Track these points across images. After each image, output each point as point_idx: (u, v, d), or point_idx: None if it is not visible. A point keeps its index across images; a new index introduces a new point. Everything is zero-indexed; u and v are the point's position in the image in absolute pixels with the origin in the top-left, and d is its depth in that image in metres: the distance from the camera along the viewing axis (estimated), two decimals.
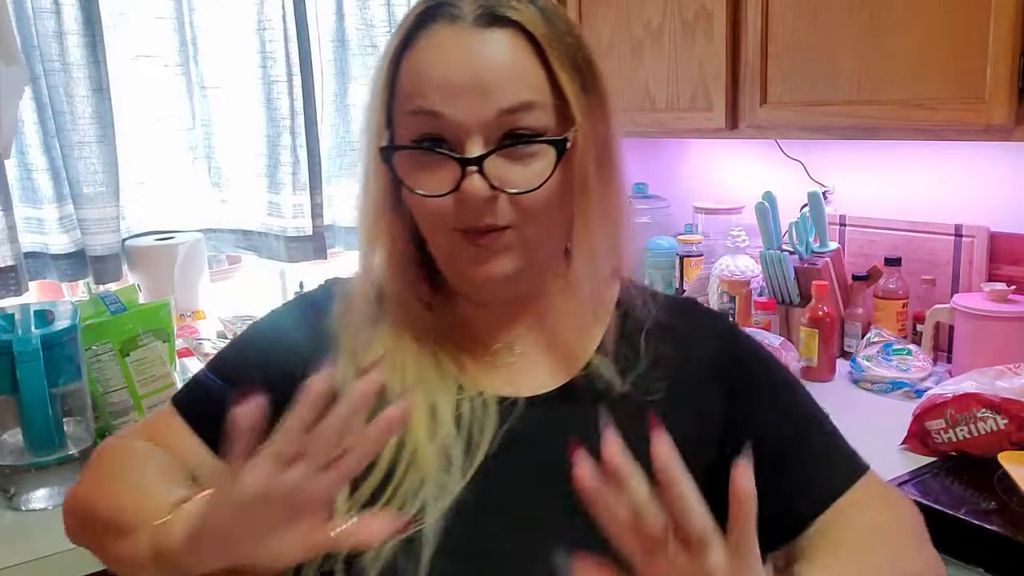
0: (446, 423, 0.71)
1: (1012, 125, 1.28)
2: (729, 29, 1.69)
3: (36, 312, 1.26)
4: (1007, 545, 1.04)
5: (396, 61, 0.70)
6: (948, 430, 1.26)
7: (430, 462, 0.69)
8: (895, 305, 1.69)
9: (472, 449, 0.70)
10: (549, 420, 0.74)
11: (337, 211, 2.03)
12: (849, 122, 1.51)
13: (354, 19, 1.96)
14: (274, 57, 1.84)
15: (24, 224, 1.67)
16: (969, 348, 1.52)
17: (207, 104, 1.85)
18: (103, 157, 1.68)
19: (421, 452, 0.69)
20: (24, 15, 1.59)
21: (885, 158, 1.84)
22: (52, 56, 1.61)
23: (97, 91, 1.65)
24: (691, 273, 2.15)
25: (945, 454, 1.26)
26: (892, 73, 1.42)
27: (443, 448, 0.70)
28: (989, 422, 1.23)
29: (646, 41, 1.90)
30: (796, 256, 1.79)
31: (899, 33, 1.40)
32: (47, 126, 1.65)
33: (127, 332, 1.41)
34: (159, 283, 1.75)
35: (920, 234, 1.76)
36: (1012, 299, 1.50)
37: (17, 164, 1.65)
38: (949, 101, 1.35)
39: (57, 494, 1.22)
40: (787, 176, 1.98)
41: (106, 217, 1.71)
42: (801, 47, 1.56)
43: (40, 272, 1.73)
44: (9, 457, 1.22)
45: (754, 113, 1.67)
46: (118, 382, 1.40)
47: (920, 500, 1.14)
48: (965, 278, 1.68)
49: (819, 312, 1.63)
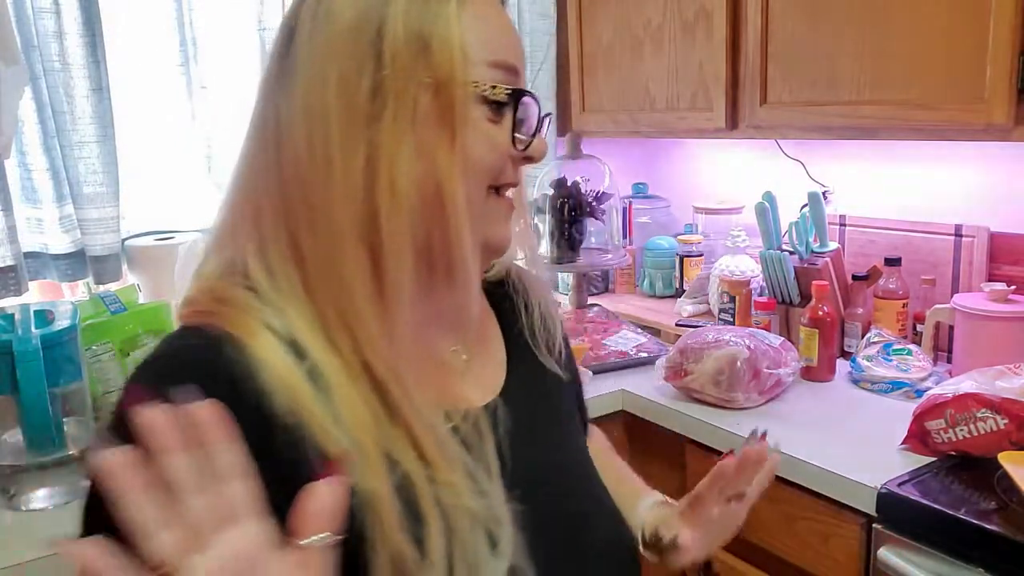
0: (457, 453, 0.64)
1: (1011, 125, 1.28)
2: (729, 29, 1.69)
3: (36, 312, 1.26)
4: (1007, 545, 1.04)
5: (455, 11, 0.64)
6: (948, 430, 1.26)
7: (467, 498, 0.61)
8: (895, 305, 1.69)
9: (490, 469, 0.66)
10: (527, 409, 0.74)
11: None
12: (849, 122, 1.51)
13: None
14: None
15: (24, 224, 1.67)
16: (969, 348, 1.52)
17: (207, 104, 1.85)
18: (103, 157, 1.68)
19: (453, 492, 0.61)
20: (24, 15, 1.59)
21: (885, 158, 1.84)
22: (52, 56, 1.61)
23: (97, 91, 1.65)
24: (691, 273, 2.16)
25: (945, 454, 1.26)
26: (892, 73, 1.42)
27: (470, 477, 0.63)
28: (989, 422, 1.23)
29: (646, 41, 1.90)
30: (796, 256, 1.79)
31: (899, 33, 1.40)
32: (47, 126, 1.65)
33: (127, 332, 1.41)
34: (159, 283, 1.75)
35: (920, 234, 1.76)
36: (1012, 299, 1.50)
37: (17, 164, 1.65)
38: (949, 101, 1.35)
39: (57, 494, 1.22)
40: (787, 176, 1.98)
41: (106, 217, 1.71)
42: (801, 47, 1.56)
43: (40, 272, 1.73)
44: (9, 457, 1.22)
45: (754, 113, 1.67)
46: (118, 382, 1.40)
47: (920, 500, 1.14)
48: (965, 278, 1.68)
49: (819, 312, 1.63)
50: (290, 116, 0.62)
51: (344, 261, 0.61)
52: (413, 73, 0.61)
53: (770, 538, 1.37)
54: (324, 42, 0.62)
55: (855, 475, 1.23)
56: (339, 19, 0.61)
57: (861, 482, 1.21)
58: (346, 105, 0.61)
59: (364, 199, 0.61)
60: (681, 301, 2.09)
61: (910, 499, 1.15)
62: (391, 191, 0.61)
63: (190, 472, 0.44)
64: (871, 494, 1.19)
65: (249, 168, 0.66)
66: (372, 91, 0.61)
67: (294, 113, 0.62)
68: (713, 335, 1.58)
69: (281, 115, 0.63)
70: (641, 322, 2.03)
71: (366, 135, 0.61)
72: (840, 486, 1.24)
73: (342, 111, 0.61)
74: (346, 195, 0.61)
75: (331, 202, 0.61)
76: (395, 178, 0.61)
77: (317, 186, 0.61)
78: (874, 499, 1.19)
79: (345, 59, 0.61)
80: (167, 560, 0.43)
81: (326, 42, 0.62)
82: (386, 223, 0.61)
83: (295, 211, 0.62)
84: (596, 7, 2.03)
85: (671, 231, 2.31)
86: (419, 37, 0.61)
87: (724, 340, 1.55)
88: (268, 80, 0.65)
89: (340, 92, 0.61)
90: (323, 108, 0.61)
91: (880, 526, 1.19)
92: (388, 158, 0.61)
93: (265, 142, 0.65)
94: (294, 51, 0.63)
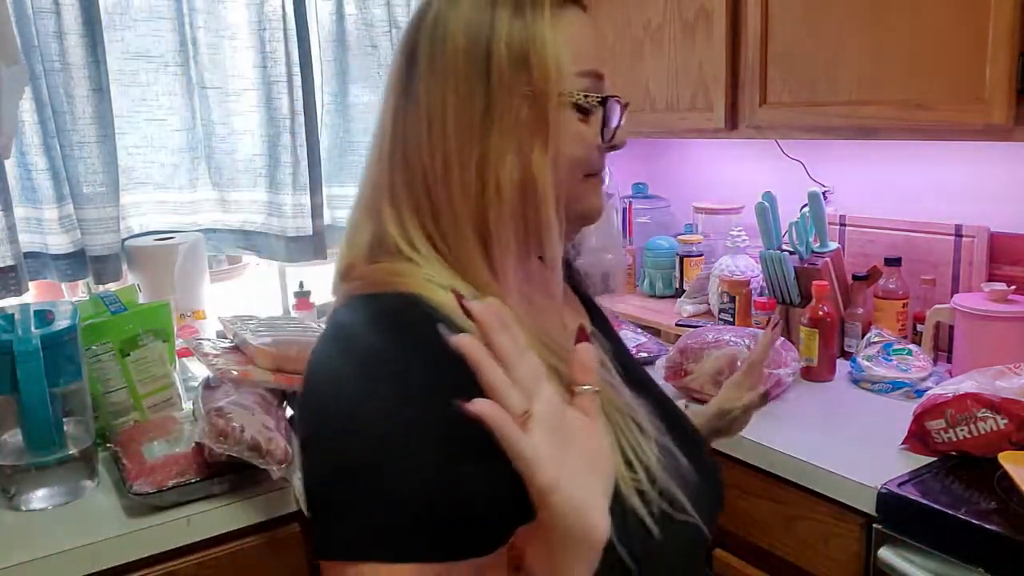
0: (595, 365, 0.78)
1: (1011, 125, 1.28)
2: (729, 29, 1.69)
3: (36, 312, 1.26)
4: (1007, 545, 1.04)
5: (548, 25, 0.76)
6: (948, 430, 1.26)
7: (613, 396, 0.76)
8: (895, 305, 1.69)
9: (611, 371, 0.81)
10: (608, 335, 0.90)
11: (337, 211, 2.03)
12: (849, 122, 1.51)
13: (354, 19, 1.96)
14: (274, 57, 1.84)
15: (24, 224, 1.67)
16: (969, 348, 1.52)
17: (207, 104, 1.85)
18: (103, 157, 1.68)
19: (607, 398, 0.74)
20: (24, 15, 1.59)
21: (885, 158, 1.84)
22: (52, 56, 1.61)
23: (97, 91, 1.65)
24: (691, 273, 2.15)
25: (945, 454, 1.26)
26: (892, 73, 1.42)
27: (606, 381, 0.78)
28: (989, 422, 1.23)
29: (646, 41, 1.90)
30: (796, 256, 1.79)
31: (899, 33, 1.40)
32: (47, 126, 1.66)
33: (127, 332, 1.41)
34: (159, 283, 1.75)
35: (920, 234, 1.76)
36: (1012, 299, 1.50)
37: (17, 164, 1.65)
38: (949, 101, 1.35)
39: (57, 494, 1.22)
40: (787, 176, 1.98)
41: (106, 217, 1.71)
42: (801, 47, 1.56)
43: (40, 272, 1.73)
44: (9, 457, 1.22)
45: (754, 113, 1.67)
46: (118, 382, 1.40)
47: (920, 500, 1.14)
48: (965, 278, 1.68)
49: (819, 312, 1.63)
50: (417, 134, 0.76)
51: (464, 247, 0.75)
52: (515, 88, 0.74)
53: (770, 538, 1.37)
54: (442, 69, 0.75)
55: (855, 475, 1.23)
56: (453, 45, 0.74)
57: (861, 482, 1.21)
58: (463, 124, 0.74)
59: (476, 198, 0.74)
60: (681, 301, 2.09)
61: (910, 499, 1.15)
62: (497, 191, 0.74)
63: (512, 347, 0.56)
64: (871, 494, 1.19)
65: (381, 166, 0.79)
66: (484, 110, 0.74)
67: (421, 132, 0.76)
68: (713, 335, 1.58)
69: (409, 133, 0.77)
70: (641, 322, 2.03)
71: (479, 147, 0.74)
72: (840, 486, 1.24)
73: (459, 130, 0.74)
74: (463, 195, 0.74)
75: (451, 200, 0.75)
76: (500, 180, 0.74)
77: (439, 188, 0.75)
78: (874, 499, 1.19)
79: (461, 82, 0.74)
80: (522, 409, 0.54)
81: (443, 70, 0.75)
82: (494, 217, 0.74)
83: (423, 206, 0.76)
84: (596, 7, 2.02)
85: (671, 231, 2.31)
86: (520, 56, 0.74)
87: (724, 340, 1.55)
88: (395, 98, 0.79)
89: (457, 114, 0.74)
90: (443, 128, 0.74)
91: (880, 526, 1.19)
92: (495, 164, 0.74)
93: (394, 145, 0.78)
94: (416, 75, 0.76)
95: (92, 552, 1.11)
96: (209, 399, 1.28)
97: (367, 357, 0.69)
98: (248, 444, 1.17)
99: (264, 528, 1.24)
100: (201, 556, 1.20)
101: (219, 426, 1.18)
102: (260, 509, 1.23)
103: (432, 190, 0.75)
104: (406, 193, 0.77)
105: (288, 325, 1.54)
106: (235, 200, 1.93)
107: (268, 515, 1.24)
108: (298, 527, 1.27)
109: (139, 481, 1.18)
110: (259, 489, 1.24)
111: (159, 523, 1.16)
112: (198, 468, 1.21)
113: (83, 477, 1.26)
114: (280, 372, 1.36)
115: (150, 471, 1.20)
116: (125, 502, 1.21)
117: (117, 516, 1.18)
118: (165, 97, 1.81)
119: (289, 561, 1.27)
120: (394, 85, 0.79)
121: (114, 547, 1.13)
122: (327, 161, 1.99)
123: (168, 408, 1.45)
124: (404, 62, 0.78)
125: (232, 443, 1.17)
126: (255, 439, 1.18)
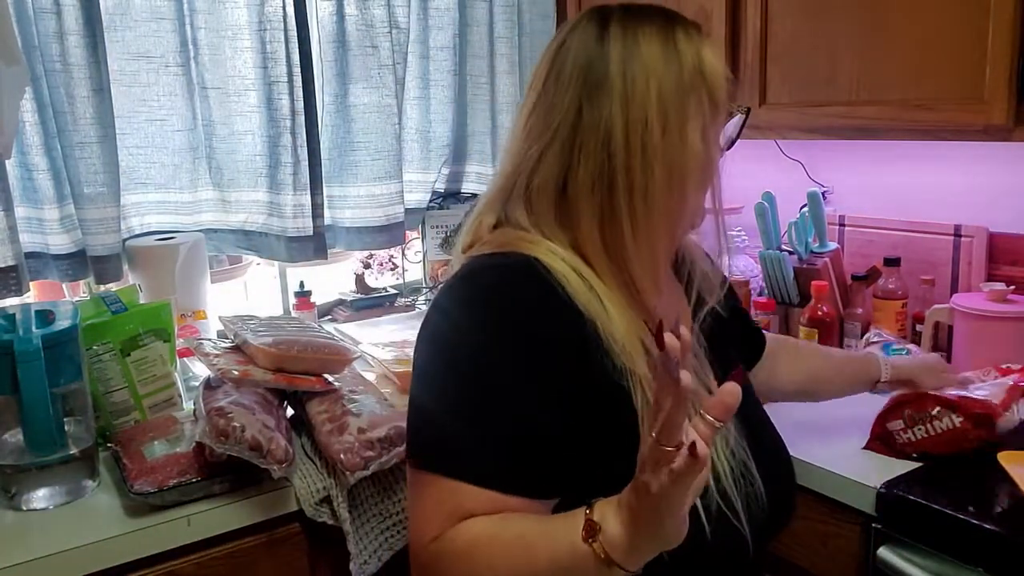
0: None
1: (1011, 125, 1.28)
2: (728, 29, 1.69)
3: (37, 312, 1.26)
4: (1007, 545, 1.04)
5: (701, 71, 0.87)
6: (907, 430, 1.25)
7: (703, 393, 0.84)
8: (894, 305, 1.69)
9: (706, 368, 0.90)
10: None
11: (337, 211, 2.03)
12: (849, 122, 1.51)
13: (354, 20, 1.96)
14: (274, 57, 1.84)
15: (25, 224, 1.67)
16: (968, 348, 1.53)
17: (207, 104, 1.85)
18: (104, 157, 1.68)
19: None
20: (25, 15, 1.59)
21: (885, 158, 1.84)
22: (53, 56, 1.61)
23: (98, 91, 1.65)
24: None
25: (909, 455, 1.26)
26: (892, 73, 1.42)
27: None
28: (945, 420, 1.22)
29: None
30: (795, 256, 1.79)
31: (899, 33, 1.40)
32: (48, 126, 1.66)
33: (128, 332, 1.41)
34: (160, 283, 1.75)
35: (919, 234, 1.76)
36: (1011, 299, 1.50)
37: (18, 164, 1.65)
38: (948, 101, 1.35)
39: (57, 494, 1.22)
40: (787, 176, 1.98)
41: (107, 217, 1.71)
42: (801, 47, 1.56)
43: (41, 272, 1.73)
44: (10, 457, 1.22)
45: (753, 114, 1.67)
46: (119, 382, 1.40)
47: (920, 500, 1.14)
48: (964, 278, 1.68)
49: (818, 312, 1.63)
50: (595, 147, 0.85)
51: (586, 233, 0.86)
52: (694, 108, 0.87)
53: None
54: (634, 101, 0.83)
55: (855, 475, 1.23)
56: (663, 81, 0.84)
57: (861, 482, 1.21)
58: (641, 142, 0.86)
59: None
60: None
61: (910, 499, 1.15)
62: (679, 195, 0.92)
63: (689, 385, 0.60)
64: (871, 494, 1.19)
65: (516, 162, 0.88)
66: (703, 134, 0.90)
67: (598, 144, 0.85)
68: None
69: (586, 140, 0.85)
70: None
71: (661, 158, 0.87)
72: (840, 486, 1.24)
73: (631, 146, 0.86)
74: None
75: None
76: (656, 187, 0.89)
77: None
78: (874, 499, 1.19)
79: (652, 112, 0.84)
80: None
81: (640, 104, 0.83)
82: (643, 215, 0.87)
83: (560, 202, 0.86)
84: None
85: None
86: (697, 79, 0.87)
87: None
88: (573, 114, 0.85)
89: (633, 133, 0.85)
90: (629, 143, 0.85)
91: (880, 526, 1.19)
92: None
93: (550, 146, 0.86)
94: (602, 103, 0.83)
95: (93, 552, 1.11)
96: (210, 399, 1.29)
97: (484, 292, 0.80)
98: (248, 444, 1.17)
99: (264, 528, 1.24)
100: (201, 556, 1.20)
101: (220, 426, 1.18)
102: (260, 509, 1.23)
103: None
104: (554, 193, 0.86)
105: (288, 325, 1.54)
106: (236, 200, 1.93)
107: (268, 515, 1.24)
108: (298, 527, 1.27)
109: (140, 481, 1.18)
110: (259, 489, 1.24)
111: (159, 523, 1.16)
112: (199, 468, 1.21)
113: (84, 477, 1.26)
114: (280, 372, 1.36)
115: (151, 471, 1.20)
116: (126, 502, 1.21)
117: (118, 516, 1.18)
118: (166, 97, 1.81)
119: (289, 561, 1.27)
120: (571, 101, 0.85)
121: (115, 547, 1.13)
122: (327, 161, 1.99)
123: (169, 408, 1.45)
124: (585, 90, 0.84)
125: (233, 443, 1.17)
126: (256, 439, 1.18)
